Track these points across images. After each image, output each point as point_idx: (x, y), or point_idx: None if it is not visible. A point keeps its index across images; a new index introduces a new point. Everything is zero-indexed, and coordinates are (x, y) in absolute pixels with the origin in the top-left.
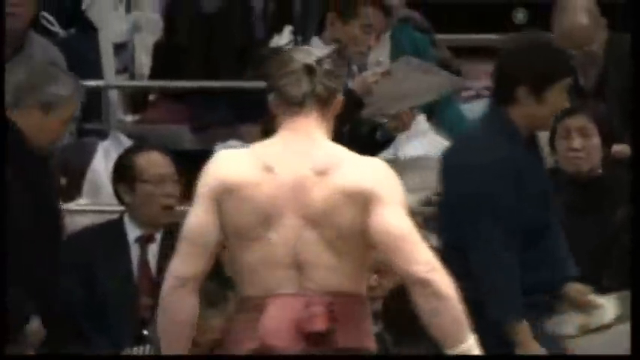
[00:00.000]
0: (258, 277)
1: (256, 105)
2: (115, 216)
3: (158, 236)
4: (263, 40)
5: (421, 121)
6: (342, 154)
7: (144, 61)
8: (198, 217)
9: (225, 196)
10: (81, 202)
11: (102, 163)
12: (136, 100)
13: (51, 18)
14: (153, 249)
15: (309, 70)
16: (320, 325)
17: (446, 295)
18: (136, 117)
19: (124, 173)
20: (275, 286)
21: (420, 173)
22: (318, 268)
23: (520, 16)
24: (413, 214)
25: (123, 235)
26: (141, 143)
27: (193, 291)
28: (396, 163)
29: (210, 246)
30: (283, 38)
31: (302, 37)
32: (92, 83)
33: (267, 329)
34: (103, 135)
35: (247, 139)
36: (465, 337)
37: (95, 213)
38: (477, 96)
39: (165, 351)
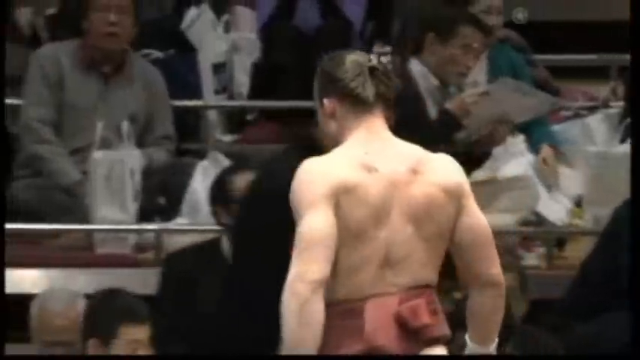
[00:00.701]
0: (352, 278)
1: None
2: (214, 235)
3: None
4: None
5: (519, 141)
6: (422, 151)
7: (242, 81)
8: (323, 220)
9: (342, 197)
10: (180, 222)
11: (201, 182)
12: (235, 120)
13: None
14: None
15: (373, 71)
16: (426, 318)
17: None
18: (235, 137)
19: (220, 194)
20: (368, 286)
21: (518, 193)
22: (412, 264)
23: (520, 16)
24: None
25: (221, 254)
26: (239, 163)
27: (322, 298)
28: (493, 183)
29: (335, 248)
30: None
31: (400, 57)
32: (191, 103)
33: (372, 331)
34: (201, 155)
35: None
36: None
37: (194, 232)
38: (575, 116)
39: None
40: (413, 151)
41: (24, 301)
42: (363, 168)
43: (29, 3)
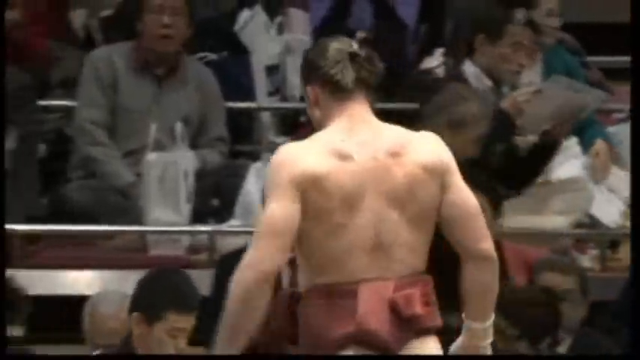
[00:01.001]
0: (343, 263)
1: (407, 126)
2: None
3: None
4: (414, 62)
5: (573, 143)
6: (404, 132)
7: (295, 83)
8: (283, 208)
9: (308, 186)
10: (233, 224)
11: (254, 184)
12: (288, 122)
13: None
14: None
15: (354, 57)
16: (418, 308)
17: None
18: (287, 139)
19: None
20: (361, 270)
21: (572, 195)
22: (400, 249)
23: (520, 16)
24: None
25: None
26: None
27: (272, 286)
28: (547, 186)
29: (293, 237)
30: (434, 60)
31: (453, 59)
32: (244, 105)
33: (364, 314)
34: (254, 156)
35: None
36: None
37: (248, 234)
38: (628, 118)
39: (228, 345)
40: (395, 133)
41: (79, 302)
42: (336, 155)
43: (84, 5)
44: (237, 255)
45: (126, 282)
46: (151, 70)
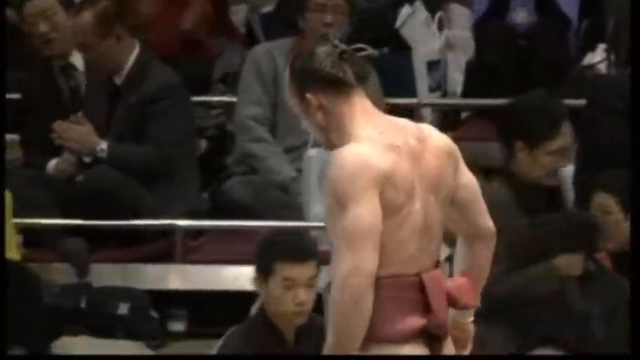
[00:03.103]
0: (404, 252)
1: (573, 121)
2: None
3: None
4: (576, 58)
5: None
6: (412, 122)
7: (456, 78)
8: (371, 211)
9: (385, 183)
10: None
11: None
12: (449, 118)
13: None
14: None
15: (343, 54)
16: (473, 299)
17: None
18: (449, 134)
19: None
20: (416, 258)
21: None
22: (438, 233)
23: (520, 16)
24: None
25: None
26: None
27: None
28: None
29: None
30: (596, 56)
31: (615, 55)
32: (405, 101)
33: (436, 306)
34: None
35: None
36: None
37: None
38: None
39: (345, 351)
40: (408, 122)
41: (243, 297)
42: (390, 149)
43: (245, 0)
44: None
45: None
46: None
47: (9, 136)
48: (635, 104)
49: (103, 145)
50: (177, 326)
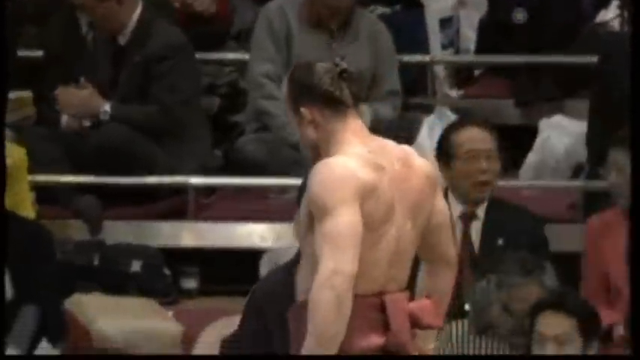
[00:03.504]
0: (370, 273)
1: (582, 81)
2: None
3: (481, 213)
4: (590, 15)
5: None
6: (399, 145)
7: (469, 35)
8: (352, 218)
9: (366, 196)
10: None
11: (426, 137)
12: (462, 75)
13: None
14: (476, 226)
15: (342, 74)
16: (436, 319)
17: None
18: (461, 92)
19: (443, 149)
20: (382, 281)
21: None
22: (408, 259)
23: (520, 15)
24: None
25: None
26: (465, 118)
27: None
28: None
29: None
30: (609, 13)
31: (628, 12)
32: (418, 58)
33: (396, 327)
34: (428, 110)
35: (573, 115)
36: None
37: None
38: None
39: (326, 351)
40: (396, 146)
41: (253, 254)
42: (374, 167)
43: None
44: None
45: None
46: (325, 24)
47: (17, 93)
48: (634, 104)
49: (107, 107)
50: (190, 283)
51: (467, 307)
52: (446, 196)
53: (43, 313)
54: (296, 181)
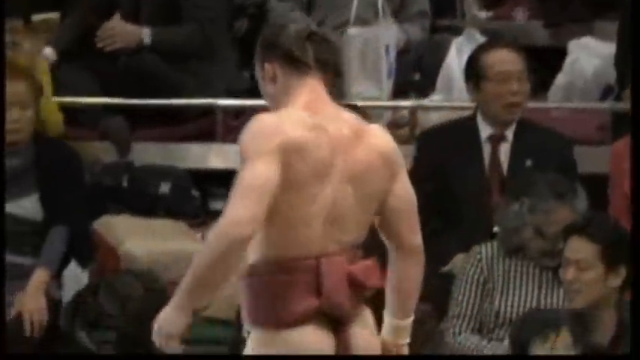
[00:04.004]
0: (302, 235)
1: (611, 2)
2: (468, 113)
3: (510, 135)
4: None
5: None
6: (359, 120)
7: None
8: (267, 171)
9: (291, 154)
10: (435, 98)
11: (455, 59)
12: None
13: None
14: (504, 147)
15: (312, 36)
16: (377, 280)
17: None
18: (490, 13)
19: (472, 71)
20: (317, 243)
21: None
22: (350, 224)
23: (520, 16)
24: None
25: (476, 132)
26: (494, 40)
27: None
28: None
29: (271, 200)
30: None
31: None
32: None
33: (330, 287)
34: (457, 31)
35: (602, 36)
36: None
37: (448, 109)
38: None
39: (187, 298)
40: (352, 117)
41: None
42: (312, 127)
43: None
44: (437, 130)
45: None
46: None
47: (45, 15)
48: (634, 104)
49: (147, 32)
50: (218, 204)
51: (495, 229)
52: (474, 118)
53: (72, 234)
54: None
